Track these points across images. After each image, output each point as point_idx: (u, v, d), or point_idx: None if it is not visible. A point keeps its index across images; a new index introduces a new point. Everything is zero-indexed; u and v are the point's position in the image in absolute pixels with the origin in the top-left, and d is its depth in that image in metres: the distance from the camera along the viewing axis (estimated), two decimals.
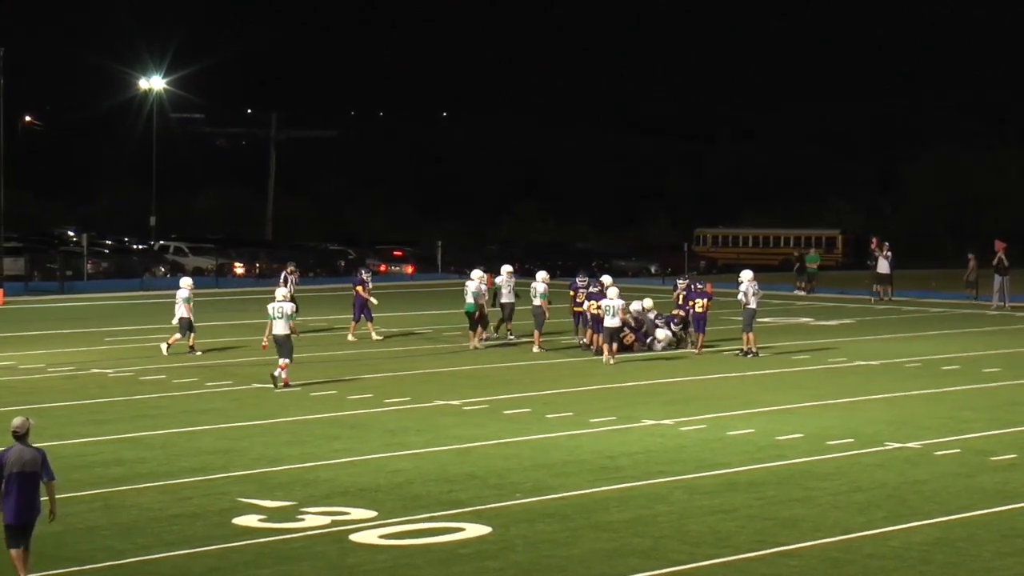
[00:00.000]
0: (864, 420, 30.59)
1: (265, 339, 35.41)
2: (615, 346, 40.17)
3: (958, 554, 20.21)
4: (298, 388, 34.36)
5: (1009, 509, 22.74)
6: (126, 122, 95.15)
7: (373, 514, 22.21)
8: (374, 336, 44.77)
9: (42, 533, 20.92)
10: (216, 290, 66.24)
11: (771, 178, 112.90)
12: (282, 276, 47.96)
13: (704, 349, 42.03)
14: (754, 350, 41.25)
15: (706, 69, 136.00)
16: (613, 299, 40.01)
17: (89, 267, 71.57)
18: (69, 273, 68.39)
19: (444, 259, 79.77)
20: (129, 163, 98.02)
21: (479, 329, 43.30)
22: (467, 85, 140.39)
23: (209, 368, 38.19)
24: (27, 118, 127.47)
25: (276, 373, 34.79)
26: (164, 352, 40.53)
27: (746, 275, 42.05)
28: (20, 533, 17.94)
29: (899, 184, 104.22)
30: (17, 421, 17.82)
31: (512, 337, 44.46)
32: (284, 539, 20.84)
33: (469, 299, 43.03)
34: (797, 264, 67.23)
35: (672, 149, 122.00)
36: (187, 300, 40.98)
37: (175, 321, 41.19)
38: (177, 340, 41.05)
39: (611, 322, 39.95)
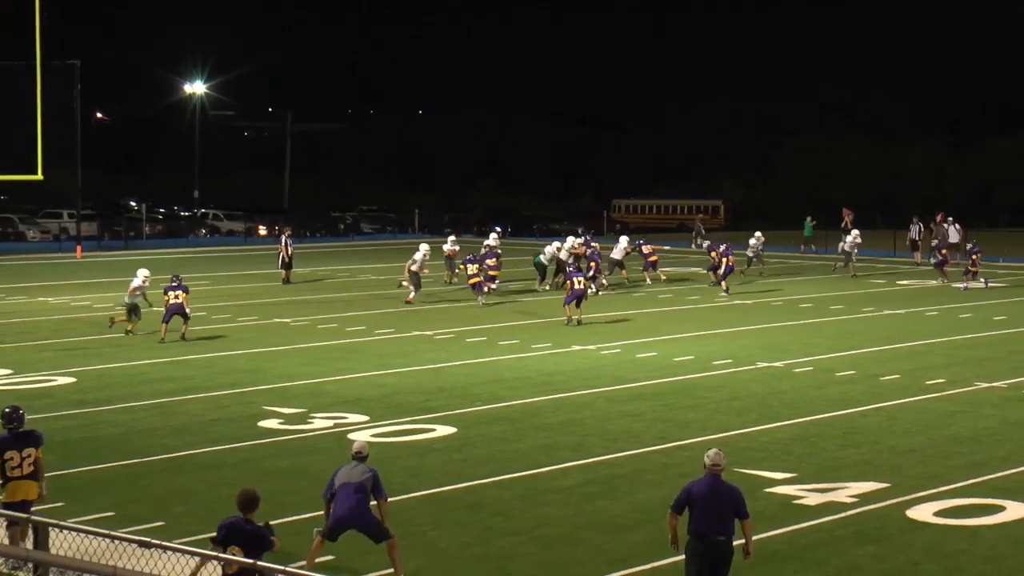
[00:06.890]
0: (740, 345, 30.76)
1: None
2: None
3: (811, 447, 20.40)
4: (333, 322, 34.38)
5: (849, 413, 22.96)
6: (175, 117, 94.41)
7: (366, 418, 22.26)
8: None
9: (108, 435, 20.93)
10: (245, 247, 66.06)
11: (674, 160, 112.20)
12: (282, 239, 45.45)
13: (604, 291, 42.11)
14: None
15: (627, 69, 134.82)
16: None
17: (147, 229, 71.24)
18: (132, 234, 68.24)
19: (420, 222, 79.55)
20: (177, 149, 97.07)
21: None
22: (441, 88, 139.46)
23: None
24: (99, 115, 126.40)
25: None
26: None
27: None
28: (340, 530, 13.64)
29: (770, 167, 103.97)
30: (358, 444, 13.89)
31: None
32: (298, 437, 20.88)
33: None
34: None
35: (597, 137, 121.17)
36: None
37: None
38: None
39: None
